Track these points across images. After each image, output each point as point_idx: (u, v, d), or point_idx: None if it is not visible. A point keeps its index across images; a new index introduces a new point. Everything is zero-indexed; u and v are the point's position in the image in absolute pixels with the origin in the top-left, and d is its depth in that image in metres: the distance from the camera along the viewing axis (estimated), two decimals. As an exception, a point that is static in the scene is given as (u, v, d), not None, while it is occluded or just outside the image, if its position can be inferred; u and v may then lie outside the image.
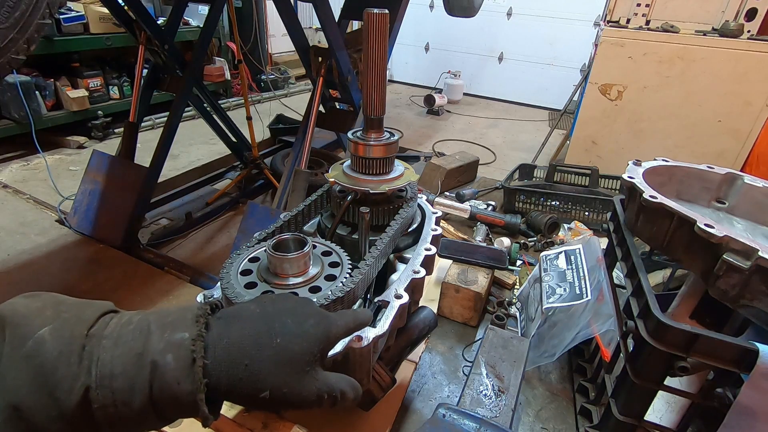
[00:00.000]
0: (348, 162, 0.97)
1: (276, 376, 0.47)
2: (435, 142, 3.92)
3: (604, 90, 2.71)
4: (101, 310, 0.48)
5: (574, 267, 1.40)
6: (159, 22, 2.68)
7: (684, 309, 1.06)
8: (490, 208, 2.47)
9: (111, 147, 3.05)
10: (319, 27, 3.33)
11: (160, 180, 2.29)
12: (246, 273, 0.73)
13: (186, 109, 3.33)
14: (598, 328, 1.14)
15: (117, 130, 3.51)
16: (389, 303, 0.77)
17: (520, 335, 1.22)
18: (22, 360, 0.41)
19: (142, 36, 2.14)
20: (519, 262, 1.95)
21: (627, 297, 1.04)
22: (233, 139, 2.78)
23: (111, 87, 3.59)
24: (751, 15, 2.39)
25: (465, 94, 5.43)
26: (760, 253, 0.78)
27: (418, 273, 0.86)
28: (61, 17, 3.06)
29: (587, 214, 2.27)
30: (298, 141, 1.99)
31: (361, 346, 0.67)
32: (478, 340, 1.54)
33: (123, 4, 2.10)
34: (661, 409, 1.14)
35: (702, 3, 2.52)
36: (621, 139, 2.79)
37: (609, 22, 2.71)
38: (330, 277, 0.74)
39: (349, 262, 0.78)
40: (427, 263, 0.91)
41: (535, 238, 2.17)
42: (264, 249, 0.76)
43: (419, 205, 1.08)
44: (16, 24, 1.10)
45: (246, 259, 0.76)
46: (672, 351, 0.87)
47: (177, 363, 0.44)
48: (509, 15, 5.14)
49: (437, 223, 1.05)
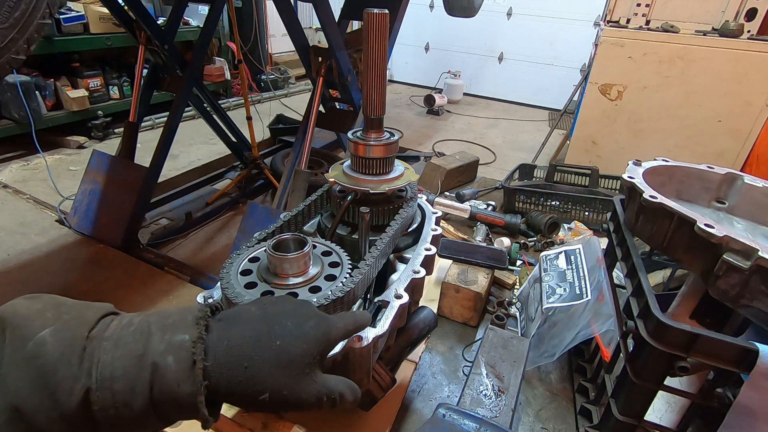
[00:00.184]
0: (348, 162, 0.96)
1: (276, 378, 0.47)
2: (435, 142, 3.92)
3: (604, 90, 2.71)
4: (102, 311, 0.48)
5: (574, 267, 1.40)
6: (159, 22, 2.69)
7: (684, 309, 1.06)
8: (490, 208, 2.47)
9: (111, 147, 3.06)
10: (319, 27, 3.33)
11: (160, 180, 2.29)
12: (246, 273, 0.73)
13: (186, 109, 3.33)
14: (598, 328, 1.14)
15: (117, 130, 3.51)
16: (389, 303, 0.77)
17: (520, 335, 1.22)
18: (22, 361, 0.41)
19: (142, 36, 2.14)
20: (519, 262, 1.95)
21: (627, 297, 1.04)
22: (233, 139, 2.78)
23: (111, 87, 3.59)
24: (751, 15, 2.39)
25: (465, 94, 5.43)
26: (760, 253, 0.78)
27: (418, 273, 0.86)
28: (61, 17, 3.06)
29: (587, 214, 2.27)
30: (298, 141, 1.99)
31: (361, 346, 0.67)
32: (478, 340, 1.54)
33: (123, 4, 2.10)
34: (661, 409, 1.14)
35: (702, 3, 2.52)
36: (621, 139, 2.79)
37: (609, 22, 2.71)
38: (330, 277, 0.74)
39: (349, 262, 0.78)
40: (427, 263, 0.91)
41: (535, 238, 2.16)
42: (264, 249, 0.76)
43: (419, 205, 1.08)
44: (16, 24, 1.10)
45: (246, 259, 0.76)
46: (672, 351, 0.87)
47: (177, 365, 0.44)
48: (509, 15, 5.14)
49: (437, 223, 1.05)
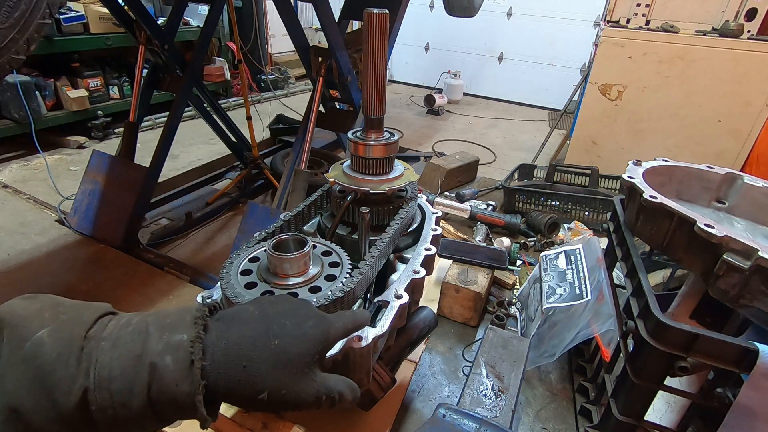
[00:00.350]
0: (348, 162, 0.97)
1: (274, 377, 0.47)
2: (435, 142, 3.92)
3: (604, 90, 2.71)
4: (100, 311, 0.48)
5: (574, 267, 1.40)
6: (159, 22, 2.68)
7: (684, 309, 1.06)
8: (490, 208, 2.47)
9: (111, 147, 3.06)
10: (319, 27, 3.33)
11: (160, 180, 2.29)
12: (246, 273, 0.73)
13: (186, 109, 3.33)
14: (598, 328, 1.14)
15: (117, 130, 3.51)
16: (389, 303, 0.77)
17: (520, 335, 1.22)
18: (20, 362, 0.41)
19: (142, 36, 2.14)
20: (519, 262, 1.95)
21: (627, 297, 1.04)
22: (233, 139, 2.78)
23: (111, 87, 3.59)
24: (751, 15, 2.39)
25: (465, 94, 5.43)
26: (760, 253, 0.78)
27: (418, 273, 0.86)
28: (61, 17, 3.06)
29: (587, 214, 2.27)
30: (298, 141, 1.99)
31: (361, 346, 0.67)
32: (478, 340, 1.54)
33: (123, 4, 2.10)
34: (661, 409, 1.14)
35: (702, 3, 2.52)
36: (621, 139, 2.79)
37: (609, 22, 2.71)
38: (330, 277, 0.74)
39: (349, 262, 0.78)
40: (427, 263, 0.91)
41: (535, 238, 2.16)
42: (264, 249, 0.76)
43: (419, 205, 1.08)
44: (16, 24, 1.10)
45: (246, 259, 0.76)
46: (672, 351, 0.87)
47: (175, 364, 0.44)
48: (509, 15, 5.14)
49: (437, 223, 1.05)
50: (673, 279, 1.47)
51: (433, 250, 0.94)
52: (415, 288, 0.88)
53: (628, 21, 2.65)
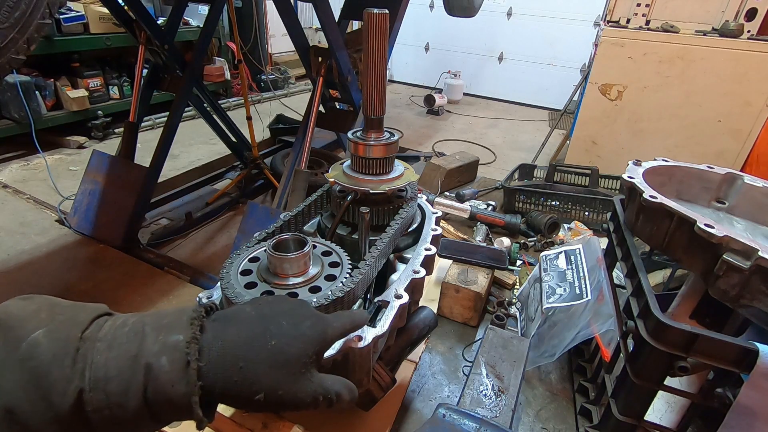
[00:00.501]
0: (348, 162, 0.96)
1: (271, 378, 0.47)
2: (435, 142, 3.92)
3: (604, 90, 2.71)
4: (96, 312, 0.47)
5: (574, 267, 1.40)
6: (159, 22, 2.69)
7: (684, 309, 1.06)
8: (490, 208, 2.47)
9: (111, 147, 3.05)
10: (319, 27, 3.33)
11: (160, 180, 2.29)
12: (246, 273, 0.73)
13: (186, 109, 3.33)
14: (598, 328, 1.14)
15: (117, 130, 3.51)
16: (389, 303, 0.77)
17: (520, 335, 1.22)
18: (16, 363, 0.41)
19: (142, 36, 2.14)
20: (519, 262, 1.95)
21: (627, 297, 1.04)
22: (233, 139, 2.78)
23: (111, 87, 3.59)
24: (751, 15, 2.38)
25: (465, 94, 5.43)
26: (760, 253, 0.78)
27: (418, 273, 0.86)
28: (61, 17, 3.06)
29: (587, 214, 2.27)
30: (298, 141, 1.99)
31: (361, 346, 0.67)
32: (478, 340, 1.54)
33: (123, 4, 2.10)
34: (661, 409, 1.14)
35: (702, 3, 2.52)
36: (621, 139, 2.79)
37: (609, 22, 2.71)
38: (330, 277, 0.74)
39: (349, 262, 0.78)
40: (427, 263, 0.91)
41: (535, 238, 2.16)
42: (264, 249, 0.76)
43: (419, 205, 1.08)
44: (16, 24, 1.10)
45: (246, 259, 0.76)
46: (672, 351, 0.87)
47: (171, 365, 0.44)
48: (509, 15, 5.14)
49: (437, 223, 1.05)
50: (673, 279, 1.47)
51: (433, 250, 0.94)
52: (415, 288, 0.88)
53: (628, 21, 2.65)
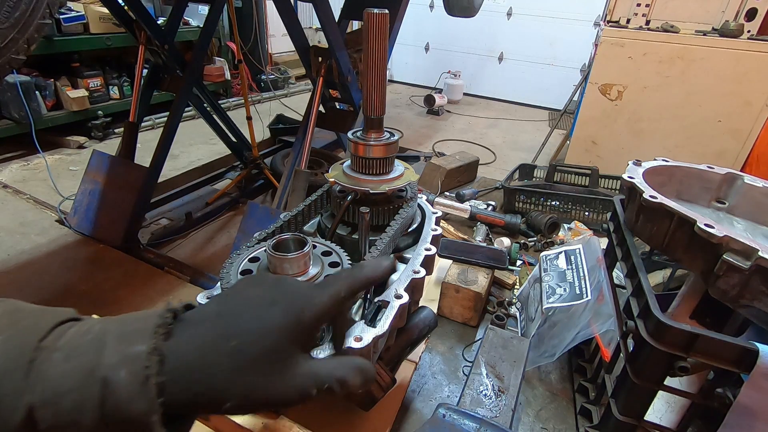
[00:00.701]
0: (348, 162, 0.96)
1: (236, 384, 0.41)
2: (435, 142, 3.92)
3: (604, 90, 2.71)
4: (59, 318, 0.42)
5: (574, 267, 1.40)
6: (159, 22, 2.69)
7: (684, 309, 1.06)
8: (490, 208, 2.47)
9: (111, 147, 3.06)
10: (319, 27, 3.33)
11: (160, 180, 2.29)
12: (246, 273, 0.73)
13: (186, 109, 3.34)
14: (598, 328, 1.14)
15: (117, 130, 3.50)
16: (389, 303, 0.77)
17: (520, 335, 1.22)
18: None
19: (142, 36, 2.14)
20: (519, 262, 1.95)
21: (627, 297, 1.04)
22: (233, 139, 2.78)
23: (111, 87, 3.59)
24: (751, 15, 2.38)
25: (465, 94, 5.43)
26: (760, 253, 0.78)
27: (418, 273, 0.86)
28: (61, 17, 3.06)
29: (587, 214, 2.27)
30: (298, 141, 1.99)
31: (361, 346, 0.66)
32: (478, 340, 1.54)
33: (123, 4, 2.10)
34: (661, 409, 1.14)
35: (702, 3, 2.52)
36: (621, 139, 2.79)
37: (609, 22, 2.71)
38: (330, 277, 0.74)
39: (349, 262, 0.78)
40: (427, 263, 0.91)
41: (535, 238, 2.16)
42: (264, 249, 0.76)
43: (419, 205, 1.08)
44: (16, 24, 1.10)
45: (246, 259, 0.76)
46: (672, 351, 0.87)
47: (130, 379, 0.38)
48: (509, 15, 5.14)
49: (437, 223, 1.05)
50: (673, 279, 1.47)
51: (433, 250, 0.94)
52: (415, 288, 0.87)
53: (628, 21, 2.65)
